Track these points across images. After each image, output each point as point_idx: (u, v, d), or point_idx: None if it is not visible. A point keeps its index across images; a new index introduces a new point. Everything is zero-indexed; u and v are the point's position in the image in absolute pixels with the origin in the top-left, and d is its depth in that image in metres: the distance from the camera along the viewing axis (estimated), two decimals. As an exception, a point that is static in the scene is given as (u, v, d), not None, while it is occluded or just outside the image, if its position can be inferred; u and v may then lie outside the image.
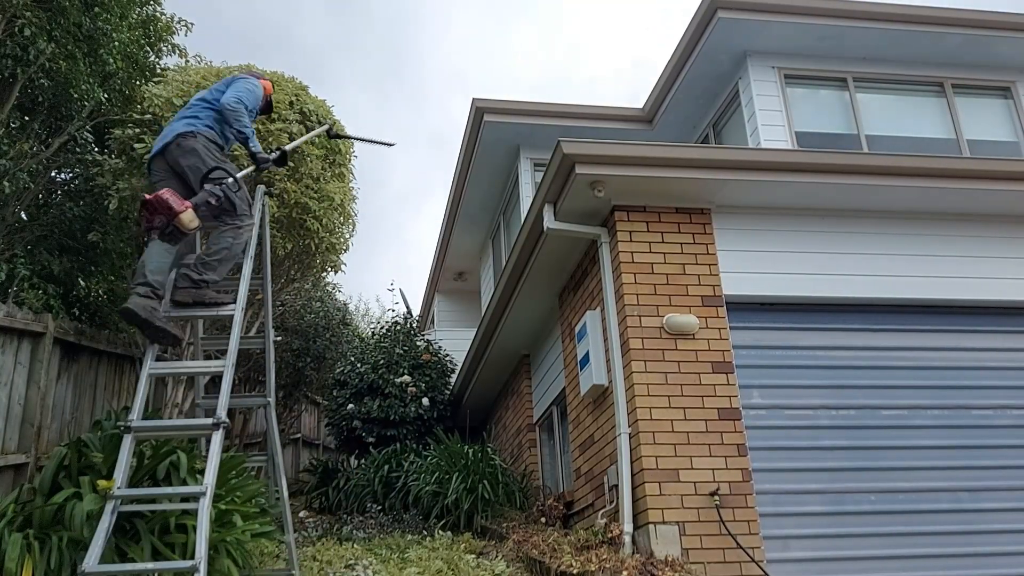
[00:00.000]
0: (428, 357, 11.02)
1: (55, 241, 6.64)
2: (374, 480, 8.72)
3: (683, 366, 5.76)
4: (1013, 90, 9.00)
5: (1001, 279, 6.51)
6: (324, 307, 11.87)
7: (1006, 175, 6.49)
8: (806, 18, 8.32)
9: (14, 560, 3.68)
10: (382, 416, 10.10)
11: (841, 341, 6.27)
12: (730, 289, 6.10)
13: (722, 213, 6.34)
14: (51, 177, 6.90)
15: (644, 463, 5.45)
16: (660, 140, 9.52)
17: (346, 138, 6.66)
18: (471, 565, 5.89)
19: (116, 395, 6.57)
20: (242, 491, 4.63)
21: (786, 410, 5.98)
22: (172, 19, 7.36)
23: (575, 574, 4.96)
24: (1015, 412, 6.26)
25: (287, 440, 12.13)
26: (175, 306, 4.38)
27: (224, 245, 4.55)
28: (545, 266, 7.13)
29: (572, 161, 5.88)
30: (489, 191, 11.45)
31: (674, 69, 9.13)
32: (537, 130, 9.98)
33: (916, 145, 8.34)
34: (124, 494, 3.69)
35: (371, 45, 76.95)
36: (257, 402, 6.02)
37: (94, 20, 6.35)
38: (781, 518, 5.61)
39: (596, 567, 4.96)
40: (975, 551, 5.78)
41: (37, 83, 6.15)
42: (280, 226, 6.47)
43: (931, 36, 8.55)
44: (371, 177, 54.09)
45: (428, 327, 15.36)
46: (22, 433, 5.28)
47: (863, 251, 6.42)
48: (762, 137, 8.16)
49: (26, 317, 5.37)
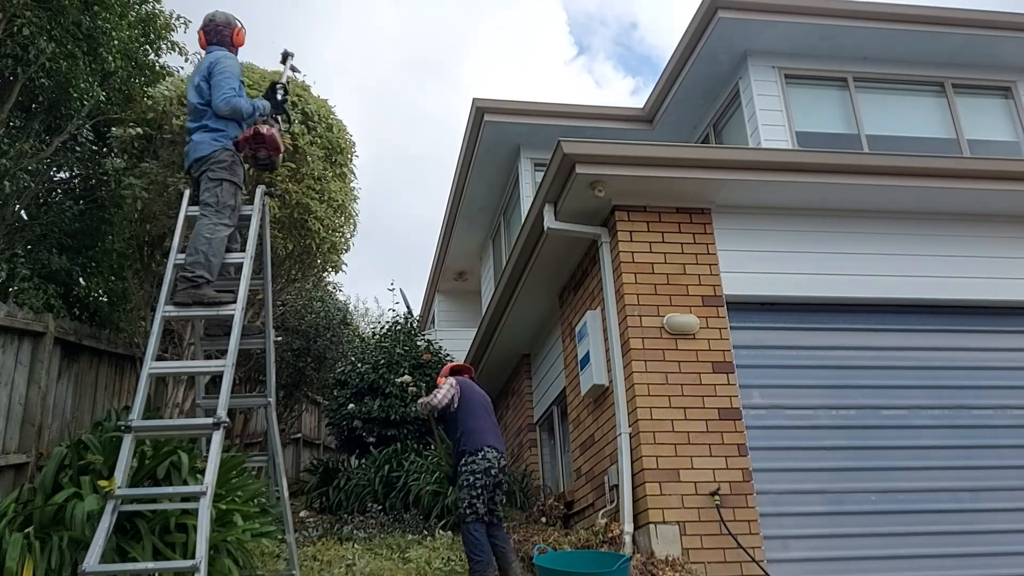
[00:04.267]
0: (428, 357, 11.01)
1: (55, 240, 6.64)
2: (374, 480, 8.71)
3: (683, 366, 5.76)
4: (1013, 90, 9.00)
5: (1001, 279, 6.51)
6: (325, 307, 11.87)
7: (1006, 175, 6.50)
8: (806, 18, 8.32)
9: (15, 560, 3.68)
10: (383, 416, 10.09)
11: (841, 341, 6.27)
12: (730, 289, 6.10)
13: (722, 213, 6.34)
14: (51, 176, 6.89)
15: (644, 463, 5.45)
16: (660, 140, 9.52)
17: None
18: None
19: (117, 395, 6.57)
20: (243, 491, 4.63)
21: (786, 410, 5.98)
22: (171, 17, 7.35)
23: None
24: (1015, 412, 6.27)
25: (288, 440, 12.13)
26: (175, 307, 4.37)
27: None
28: (545, 266, 7.13)
29: (572, 161, 5.88)
30: (489, 191, 11.45)
31: (674, 69, 9.13)
32: (537, 130, 9.98)
33: (916, 145, 8.33)
34: (125, 494, 3.69)
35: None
36: (258, 402, 6.02)
37: (94, 19, 6.35)
38: (781, 518, 5.61)
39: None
40: (975, 551, 5.78)
41: (37, 82, 6.15)
42: (281, 226, 6.47)
43: (931, 36, 8.55)
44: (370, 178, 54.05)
45: (428, 327, 15.36)
46: (23, 433, 5.28)
47: (863, 251, 6.42)
48: (762, 137, 8.16)
49: (27, 317, 5.37)
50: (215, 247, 4.53)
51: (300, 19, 75.60)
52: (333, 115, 7.01)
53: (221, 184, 4.72)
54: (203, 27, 5.22)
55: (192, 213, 4.73)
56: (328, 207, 6.74)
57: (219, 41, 5.16)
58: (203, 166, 4.78)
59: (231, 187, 4.77)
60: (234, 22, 5.24)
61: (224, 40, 5.17)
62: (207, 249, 4.49)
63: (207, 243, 4.52)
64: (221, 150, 4.81)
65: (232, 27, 5.22)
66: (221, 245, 4.59)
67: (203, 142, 4.84)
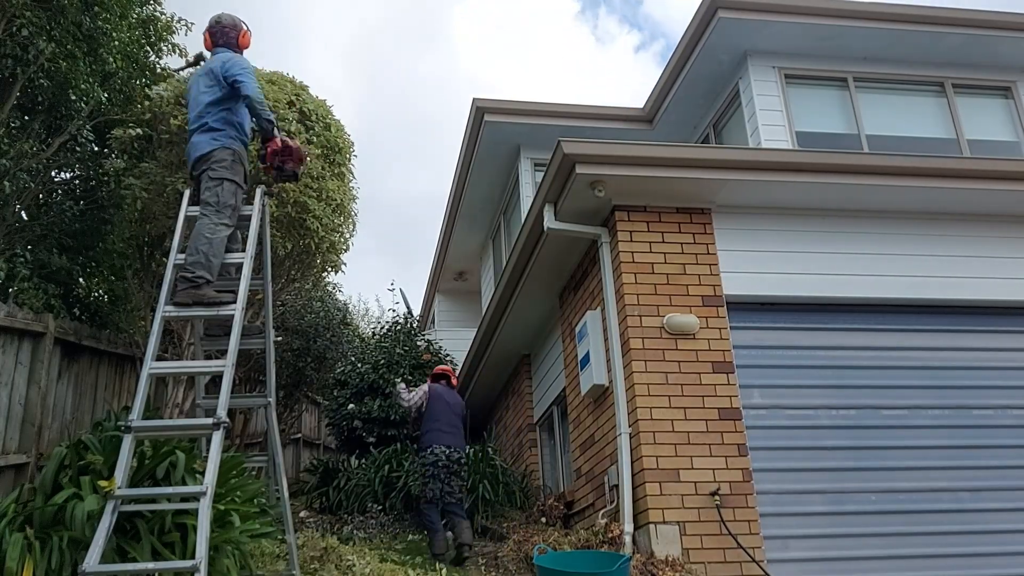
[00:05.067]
0: (428, 357, 11.01)
1: (55, 240, 6.63)
2: (375, 480, 8.72)
3: (683, 366, 5.76)
4: (1013, 90, 8.99)
5: (1001, 279, 6.51)
6: (324, 307, 11.86)
7: (1006, 175, 6.50)
8: (806, 18, 8.32)
9: (15, 560, 3.68)
10: (383, 416, 10.10)
11: (841, 341, 6.27)
12: (730, 289, 6.10)
13: (722, 213, 6.34)
14: (51, 176, 6.89)
15: (644, 463, 5.45)
16: (660, 140, 9.52)
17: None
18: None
19: (117, 395, 6.57)
20: (242, 491, 4.62)
21: (786, 410, 5.98)
22: (172, 19, 7.34)
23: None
24: (1015, 412, 6.27)
25: (288, 440, 12.12)
26: (175, 307, 4.37)
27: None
28: (545, 266, 7.13)
29: (572, 161, 5.88)
30: (489, 191, 11.45)
31: (674, 69, 9.13)
32: (537, 130, 9.98)
33: (916, 145, 8.33)
34: (125, 494, 3.68)
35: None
36: (257, 402, 6.01)
37: (94, 19, 6.34)
38: (781, 518, 5.61)
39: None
40: (975, 551, 5.78)
41: (37, 83, 6.14)
42: (280, 226, 6.46)
43: (931, 36, 8.55)
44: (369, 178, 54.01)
45: (428, 327, 15.36)
46: (23, 433, 5.28)
47: (863, 251, 6.42)
48: (762, 137, 8.16)
49: (27, 317, 5.37)
50: (216, 247, 4.53)
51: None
52: (331, 115, 7.01)
53: (222, 183, 4.72)
54: (209, 28, 5.24)
55: (192, 213, 4.73)
56: (327, 206, 6.74)
57: (225, 43, 5.19)
58: (203, 165, 4.79)
59: (232, 186, 4.76)
60: (240, 25, 5.28)
61: (230, 42, 5.20)
62: (208, 249, 4.49)
63: (208, 243, 4.52)
64: (221, 149, 4.81)
65: (239, 30, 5.25)
66: (221, 245, 4.59)
67: (203, 141, 4.84)
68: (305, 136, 6.54)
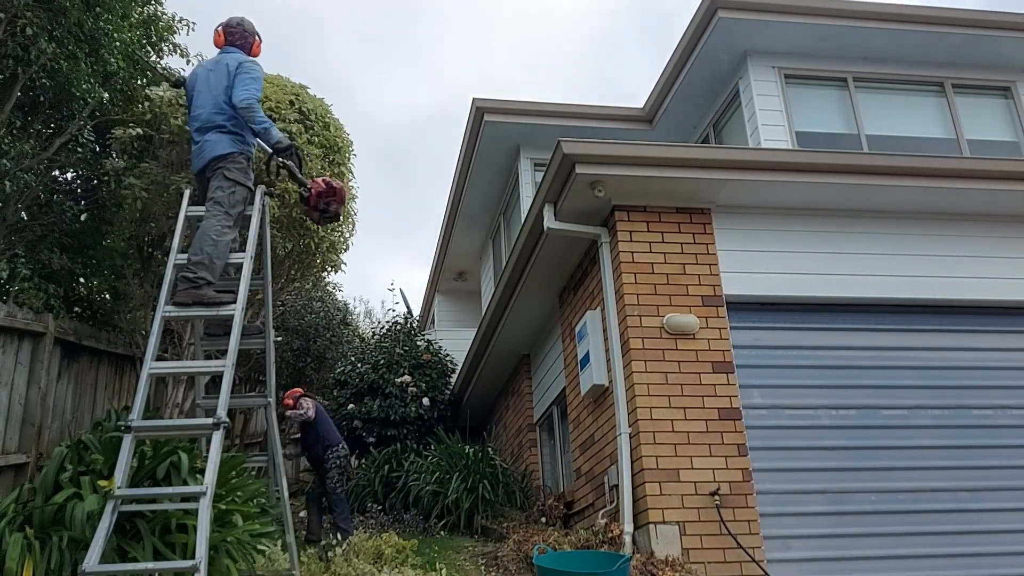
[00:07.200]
0: (428, 357, 11.03)
1: (55, 240, 6.64)
2: (374, 480, 8.73)
3: (683, 366, 5.76)
4: (1013, 90, 9.00)
5: (1001, 279, 6.51)
6: (324, 307, 11.88)
7: (1006, 175, 6.49)
8: (806, 18, 8.32)
9: (15, 560, 3.68)
10: (382, 416, 10.11)
11: (841, 341, 6.27)
12: (730, 289, 6.10)
13: (722, 213, 6.34)
14: (52, 177, 6.89)
15: (644, 463, 5.45)
16: (660, 140, 9.52)
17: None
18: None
19: (117, 395, 6.57)
20: (242, 491, 4.62)
21: (786, 410, 5.98)
22: (173, 19, 7.35)
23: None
24: (1015, 412, 6.26)
25: (288, 440, 12.13)
26: (175, 307, 4.37)
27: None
28: (545, 266, 7.13)
29: (572, 161, 5.88)
30: (489, 191, 11.45)
31: (674, 69, 9.13)
32: (537, 130, 9.99)
33: (916, 145, 8.33)
34: (125, 494, 3.69)
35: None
36: (257, 402, 6.02)
37: (95, 20, 6.34)
38: (781, 518, 5.61)
39: (596, 567, 4.96)
40: (975, 551, 5.78)
41: (38, 83, 6.15)
42: (280, 225, 6.48)
43: (931, 36, 8.55)
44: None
45: (428, 327, 15.37)
46: (23, 433, 5.28)
47: (863, 251, 6.42)
48: (762, 137, 8.16)
49: (27, 317, 5.37)
50: (220, 249, 4.54)
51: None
52: (330, 114, 7.02)
53: (235, 186, 4.73)
54: (226, 26, 5.22)
55: (192, 213, 4.73)
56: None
57: (240, 45, 5.20)
58: (219, 163, 4.77)
59: (244, 191, 4.78)
60: (257, 34, 5.33)
61: (246, 46, 5.22)
62: (212, 251, 4.49)
63: (213, 245, 4.51)
64: (239, 153, 4.83)
65: (255, 37, 5.31)
66: (226, 248, 4.60)
67: (221, 141, 4.83)
68: (306, 136, 6.55)
